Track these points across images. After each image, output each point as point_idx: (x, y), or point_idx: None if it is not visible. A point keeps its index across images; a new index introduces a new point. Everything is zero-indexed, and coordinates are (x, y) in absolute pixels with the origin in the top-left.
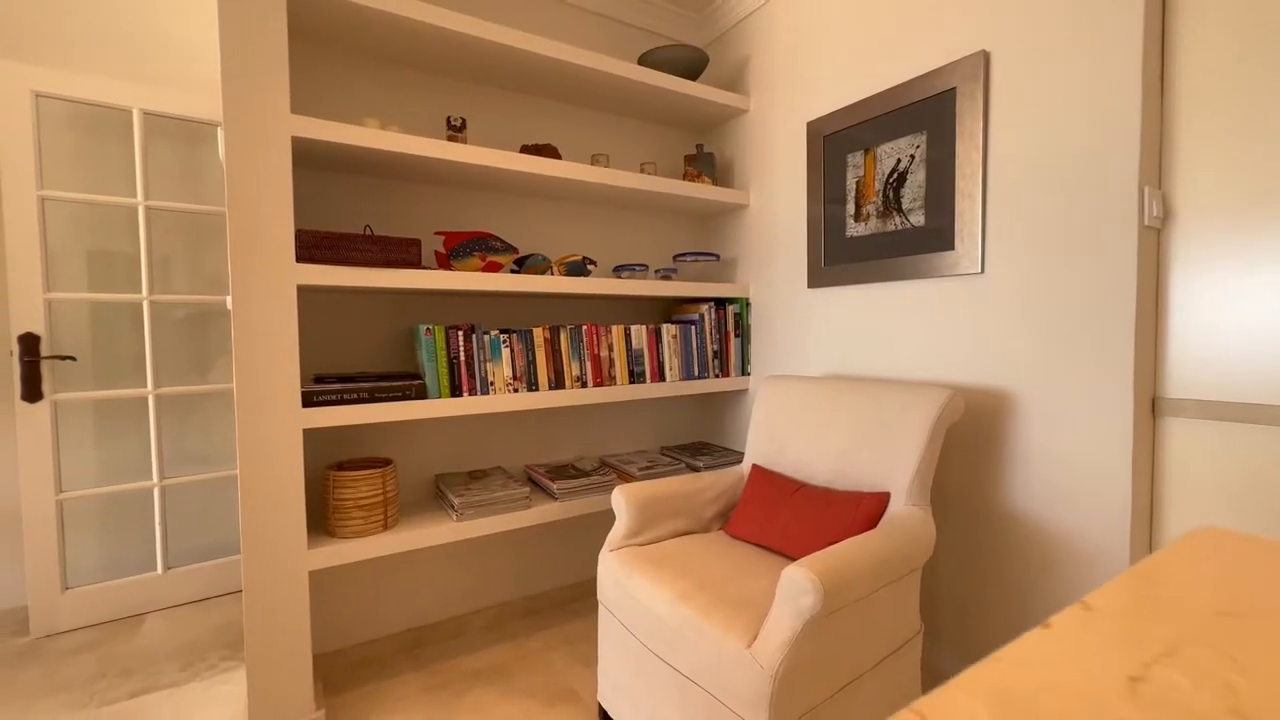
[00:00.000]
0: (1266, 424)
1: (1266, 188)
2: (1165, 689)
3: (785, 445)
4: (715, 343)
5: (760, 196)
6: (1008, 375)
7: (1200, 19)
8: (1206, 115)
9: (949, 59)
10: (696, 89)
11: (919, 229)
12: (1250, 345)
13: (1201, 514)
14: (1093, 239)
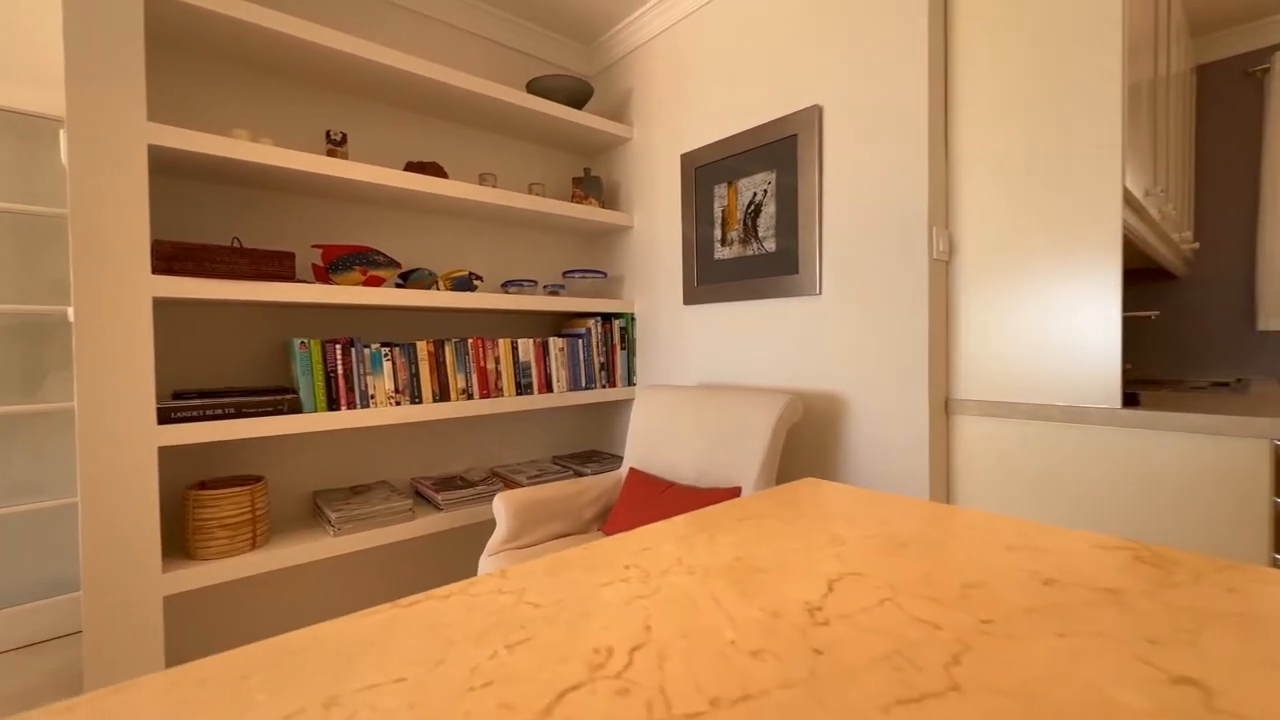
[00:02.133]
0: (1018, 418)
1: (1008, 230)
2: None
3: (658, 449)
4: (602, 355)
5: (643, 219)
6: (841, 382)
7: (973, 89)
8: (974, 171)
9: (792, 109)
10: (582, 117)
11: (772, 255)
12: (1007, 355)
13: (980, 485)
14: (898, 268)
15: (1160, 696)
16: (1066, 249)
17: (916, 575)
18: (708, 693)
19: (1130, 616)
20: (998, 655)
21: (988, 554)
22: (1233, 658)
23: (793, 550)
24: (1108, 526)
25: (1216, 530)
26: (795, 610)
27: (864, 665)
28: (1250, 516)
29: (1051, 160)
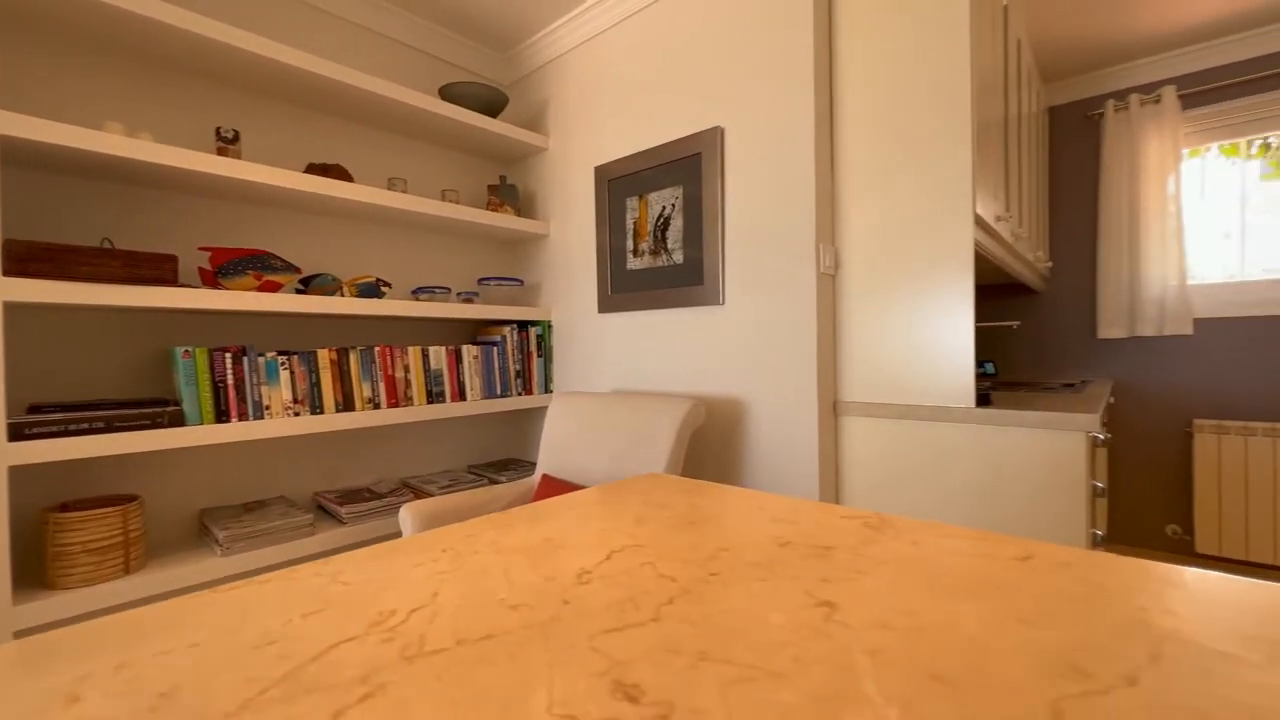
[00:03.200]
0: (894, 417)
1: (884, 248)
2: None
3: (570, 454)
4: (518, 363)
5: (559, 228)
6: (743, 387)
7: (853, 121)
8: (856, 194)
9: (697, 129)
10: (497, 125)
11: (680, 266)
12: (885, 360)
13: (864, 478)
14: (791, 281)
15: (798, 615)
16: (930, 266)
17: (685, 545)
18: (458, 635)
19: (822, 564)
20: (705, 596)
21: (754, 528)
22: (871, 588)
23: (597, 531)
24: (967, 509)
25: (1049, 509)
26: (568, 575)
27: (597, 610)
28: (1072, 497)
29: (917, 187)
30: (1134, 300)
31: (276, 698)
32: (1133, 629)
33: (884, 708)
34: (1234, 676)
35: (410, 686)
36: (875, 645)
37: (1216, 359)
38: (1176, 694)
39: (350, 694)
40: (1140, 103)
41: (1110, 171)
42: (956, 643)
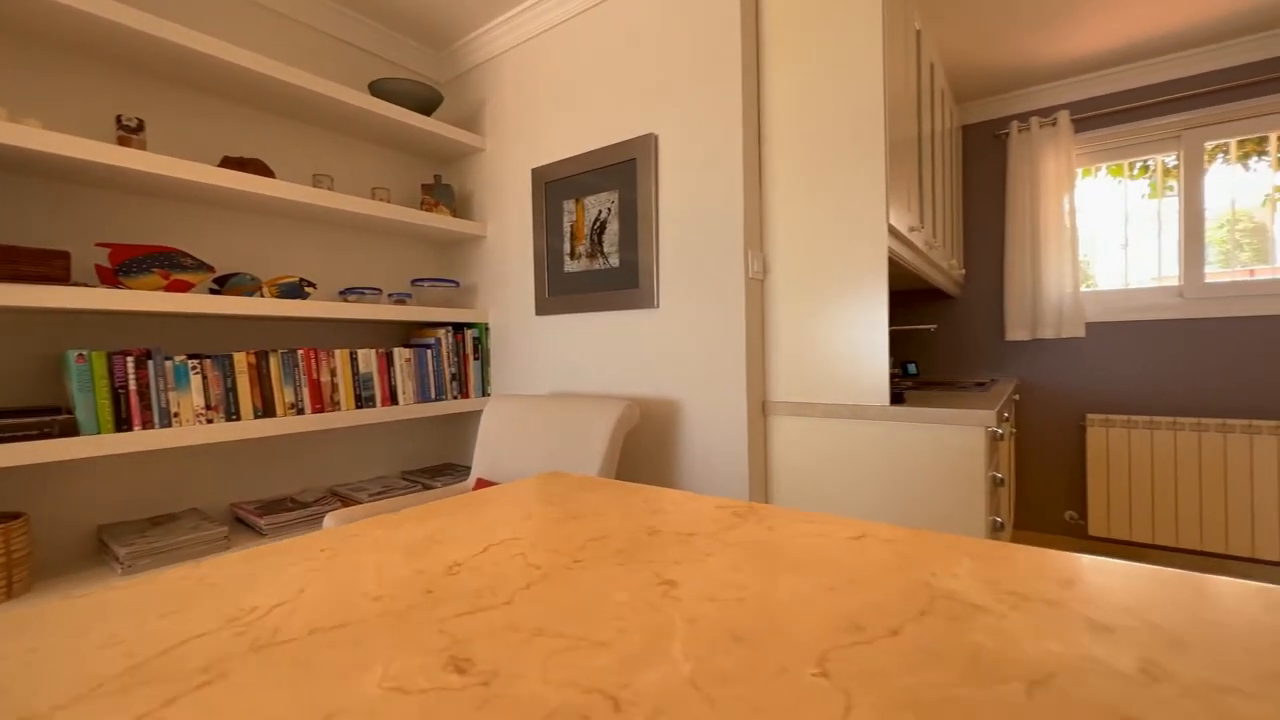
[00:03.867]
0: (818, 416)
1: (809, 255)
2: None
3: (504, 457)
4: (454, 366)
5: (496, 229)
6: (677, 388)
7: (780, 135)
8: (783, 203)
9: (632, 135)
10: (430, 124)
11: (616, 269)
12: (810, 362)
13: (792, 475)
14: (721, 285)
15: (640, 593)
16: (849, 272)
17: (561, 536)
18: (312, 626)
19: (680, 549)
20: (563, 581)
21: (630, 519)
22: (714, 567)
23: (483, 526)
24: (882, 501)
25: (953, 498)
26: (439, 567)
27: (456, 597)
28: (973, 487)
29: (837, 199)
30: (1035, 305)
31: (112, 690)
32: (916, 591)
33: (682, 663)
34: (977, 624)
35: (251, 673)
36: (695, 614)
37: (1105, 359)
38: (926, 639)
39: (188, 683)
40: (1039, 125)
41: (1015, 187)
42: (766, 609)
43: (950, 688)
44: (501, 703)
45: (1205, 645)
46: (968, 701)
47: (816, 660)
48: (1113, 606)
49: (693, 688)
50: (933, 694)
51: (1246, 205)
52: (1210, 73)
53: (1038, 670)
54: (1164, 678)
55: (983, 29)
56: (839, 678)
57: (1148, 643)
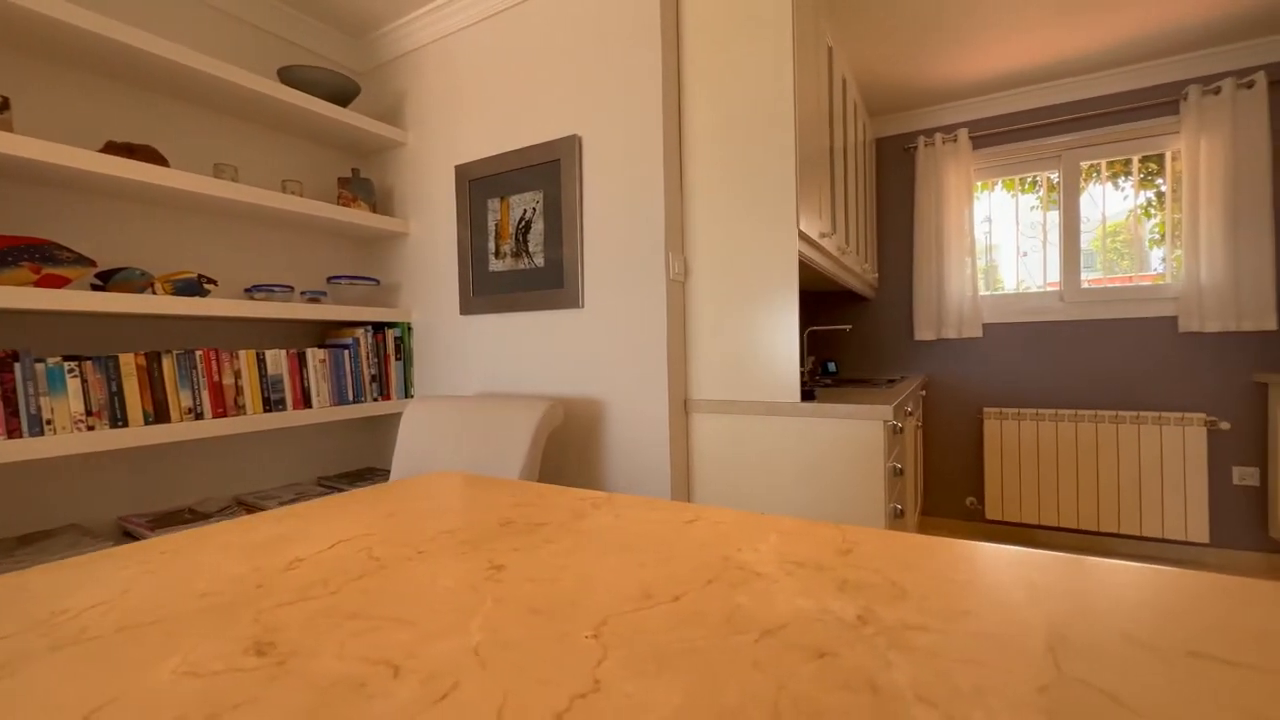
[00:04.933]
0: (736, 413)
1: (727, 258)
2: None
3: (425, 460)
4: (374, 367)
5: (420, 226)
6: (602, 388)
7: (699, 141)
8: (703, 208)
9: (556, 135)
10: (346, 115)
11: (541, 269)
12: (729, 361)
13: (713, 470)
14: (644, 286)
15: (468, 579)
16: (763, 275)
17: (414, 530)
18: (123, 624)
19: (524, 538)
20: (398, 571)
21: (490, 512)
22: (548, 553)
23: (340, 525)
24: (798, 493)
25: (857, 488)
26: (278, 564)
27: (285, 590)
28: (874, 477)
29: (751, 205)
30: (940, 308)
31: None
32: (714, 564)
33: (474, 635)
34: (749, 588)
35: (42, 671)
36: (507, 594)
37: (1000, 357)
38: (699, 603)
39: None
40: (943, 141)
41: (921, 198)
42: (575, 586)
43: (696, 640)
44: (289, 678)
45: (918, 595)
46: (704, 649)
47: (595, 625)
48: (868, 569)
49: (473, 654)
50: (679, 646)
51: (1117, 219)
52: (1085, 100)
53: (775, 622)
54: (872, 621)
55: (891, 49)
56: (607, 637)
57: (876, 595)
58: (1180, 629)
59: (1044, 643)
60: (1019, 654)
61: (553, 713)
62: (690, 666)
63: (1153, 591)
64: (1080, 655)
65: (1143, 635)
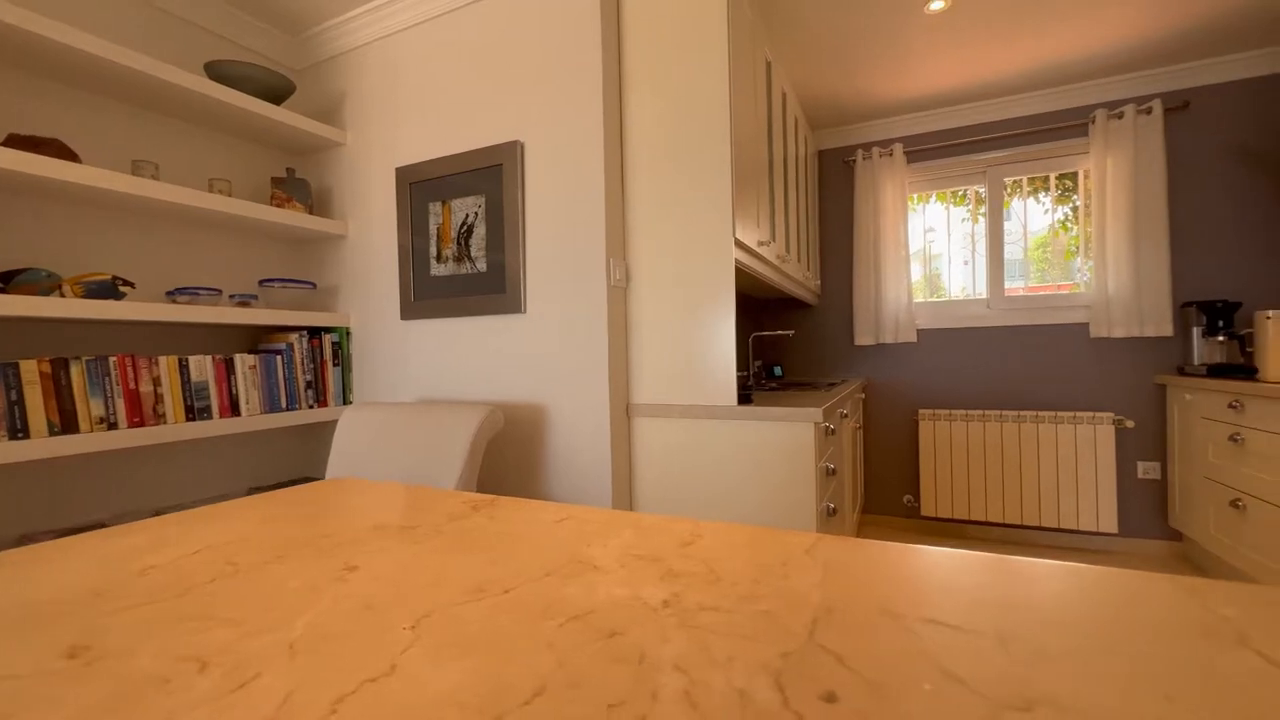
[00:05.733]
0: (677, 417)
1: (668, 265)
2: None
3: (361, 468)
4: (309, 373)
5: (359, 228)
6: (544, 393)
7: (641, 151)
8: (644, 216)
9: (498, 140)
10: (281, 114)
11: (483, 274)
12: (670, 366)
13: (655, 472)
14: (585, 291)
15: (316, 579)
16: (703, 282)
17: (285, 535)
18: None
19: (391, 540)
20: (251, 575)
21: (368, 516)
22: (409, 553)
23: (211, 532)
24: (735, 494)
25: (791, 487)
26: (129, 572)
27: (126, 596)
28: (806, 477)
29: (691, 214)
30: (878, 314)
31: None
32: (559, 558)
33: (296, 631)
34: (581, 580)
35: None
36: (349, 593)
37: (933, 361)
38: (526, 595)
39: None
40: (879, 154)
41: (861, 209)
42: (416, 583)
43: (506, 627)
44: (95, 679)
45: (730, 581)
46: (510, 635)
47: (418, 618)
48: (698, 559)
49: (287, 648)
50: (488, 633)
51: (1040, 233)
52: (1007, 120)
53: (586, 609)
54: (674, 605)
55: (827, 67)
56: (424, 628)
57: (691, 582)
58: (927, 601)
59: (812, 618)
60: (784, 628)
61: (337, 695)
62: (489, 650)
63: (921, 569)
64: (834, 626)
65: (895, 607)
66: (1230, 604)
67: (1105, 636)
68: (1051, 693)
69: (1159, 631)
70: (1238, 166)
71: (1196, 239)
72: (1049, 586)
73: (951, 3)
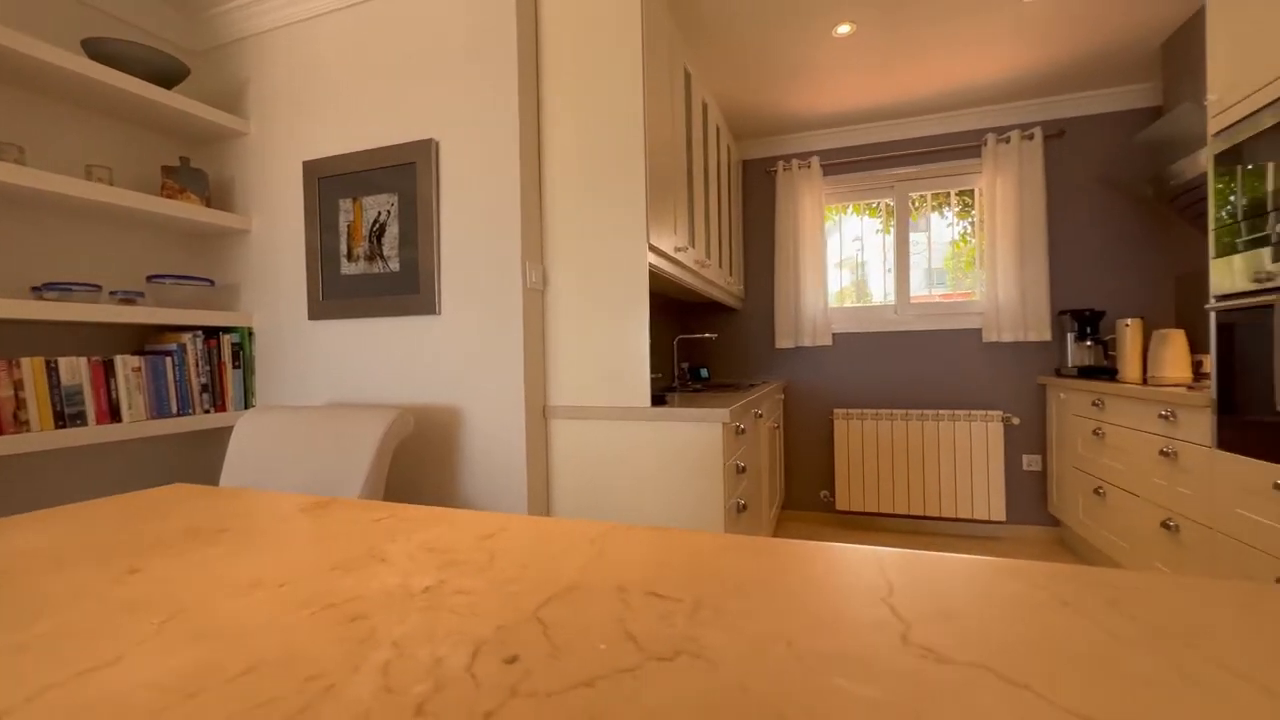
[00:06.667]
0: (594, 419)
1: (585, 269)
2: None
3: (258, 475)
4: (205, 375)
5: (264, 224)
6: (459, 395)
7: (559, 155)
8: (562, 219)
9: (412, 138)
10: (172, 98)
11: (396, 274)
12: (588, 368)
13: (572, 474)
14: (501, 294)
15: (90, 581)
16: (619, 286)
17: (85, 540)
18: None
19: (194, 543)
20: (25, 580)
21: (179, 521)
22: (213, 553)
23: (26, 537)
24: (651, 493)
25: (701, 485)
26: None
27: None
28: (715, 475)
29: (607, 219)
30: (797, 318)
31: None
32: (354, 554)
33: (39, 629)
34: (363, 572)
35: None
36: (120, 596)
37: (847, 363)
38: (302, 589)
39: None
40: (798, 166)
41: (782, 218)
42: (194, 582)
43: (255, 617)
44: None
45: (499, 566)
46: (264, 623)
47: (173, 613)
48: (486, 550)
49: (16, 649)
50: (243, 622)
51: (943, 246)
52: (911, 139)
53: (347, 598)
54: (434, 591)
55: (747, 80)
56: (179, 620)
57: (463, 570)
58: (656, 577)
59: (549, 595)
60: (517, 606)
61: (44, 686)
62: (225, 638)
63: (679, 551)
64: (563, 602)
65: (629, 583)
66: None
67: (768, 598)
68: (698, 646)
69: (814, 589)
70: (1104, 190)
71: (1071, 253)
72: (769, 561)
73: (856, 28)
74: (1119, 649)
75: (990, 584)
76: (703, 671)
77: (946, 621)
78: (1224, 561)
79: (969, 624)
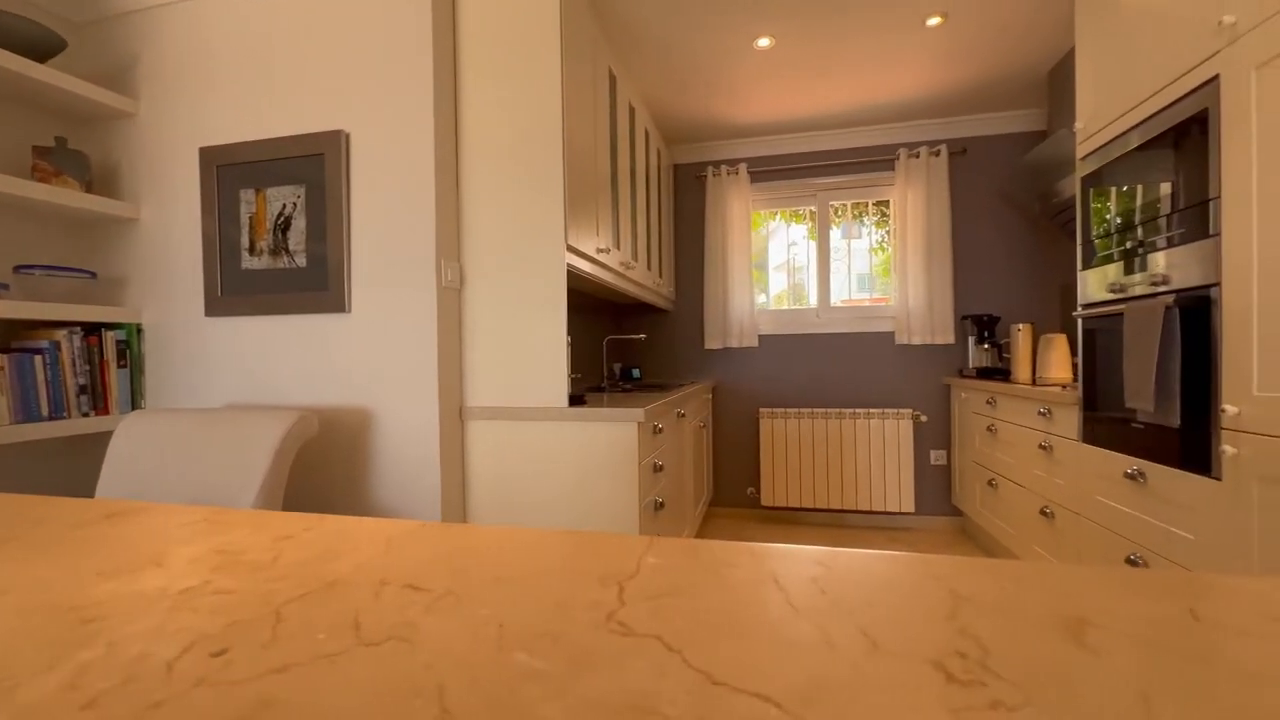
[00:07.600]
0: (510, 419)
1: (504, 268)
2: None
3: (142, 484)
4: (84, 375)
5: (155, 213)
6: (371, 397)
7: (478, 153)
8: (481, 219)
9: (321, 129)
10: (41, 72)
11: (303, 270)
12: (505, 368)
13: (489, 475)
14: (415, 292)
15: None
16: (537, 286)
17: None
18: None
19: (59, 546)
20: None
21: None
22: (72, 561)
23: None
24: (569, 493)
25: (618, 483)
26: None
27: None
28: (630, 473)
29: (525, 220)
30: (725, 320)
31: None
32: (132, 559)
33: None
34: (130, 575)
35: None
36: None
37: (772, 364)
38: (58, 591)
39: None
40: (727, 172)
41: (711, 222)
42: (79, 585)
43: (133, 606)
44: None
45: (281, 566)
46: (119, 608)
47: (75, 608)
48: (273, 550)
49: None
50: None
51: (862, 253)
52: (832, 151)
53: (94, 601)
54: (194, 591)
55: (674, 85)
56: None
57: (235, 571)
58: (425, 571)
59: (306, 591)
60: (266, 601)
61: None
62: None
63: (460, 546)
64: (323, 598)
65: (407, 580)
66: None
67: (517, 587)
68: (412, 631)
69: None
70: (1002, 205)
71: (974, 262)
72: (553, 553)
73: (775, 42)
74: (787, 619)
75: (710, 570)
76: (401, 654)
77: (649, 600)
78: (1090, 544)
79: (678, 603)
